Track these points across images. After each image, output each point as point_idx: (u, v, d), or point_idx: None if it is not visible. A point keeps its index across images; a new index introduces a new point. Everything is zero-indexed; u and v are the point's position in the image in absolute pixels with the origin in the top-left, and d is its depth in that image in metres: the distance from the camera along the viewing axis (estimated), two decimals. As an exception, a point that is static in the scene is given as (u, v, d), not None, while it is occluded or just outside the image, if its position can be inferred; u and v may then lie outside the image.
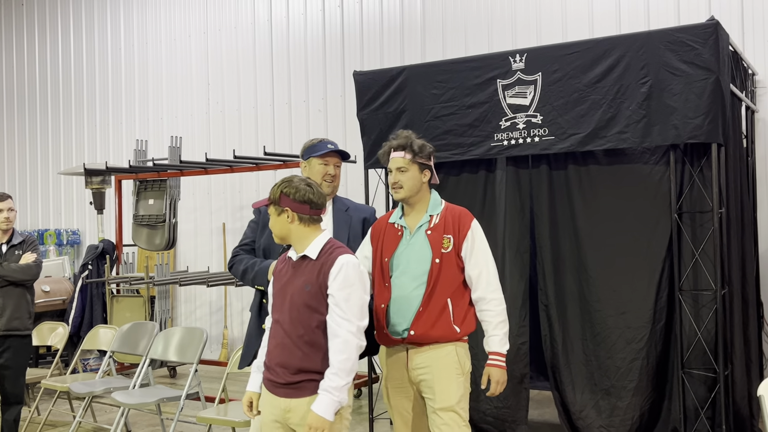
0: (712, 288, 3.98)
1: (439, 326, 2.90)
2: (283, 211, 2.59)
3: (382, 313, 2.94)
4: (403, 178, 2.94)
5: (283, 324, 2.55)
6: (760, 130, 5.34)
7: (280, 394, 2.54)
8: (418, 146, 2.95)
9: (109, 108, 8.91)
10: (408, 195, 2.95)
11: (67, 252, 8.78)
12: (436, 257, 2.91)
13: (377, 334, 3.00)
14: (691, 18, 5.51)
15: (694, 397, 4.05)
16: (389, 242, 2.98)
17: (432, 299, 2.89)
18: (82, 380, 4.94)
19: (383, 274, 2.96)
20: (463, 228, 2.96)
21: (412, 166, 2.94)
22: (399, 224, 3.00)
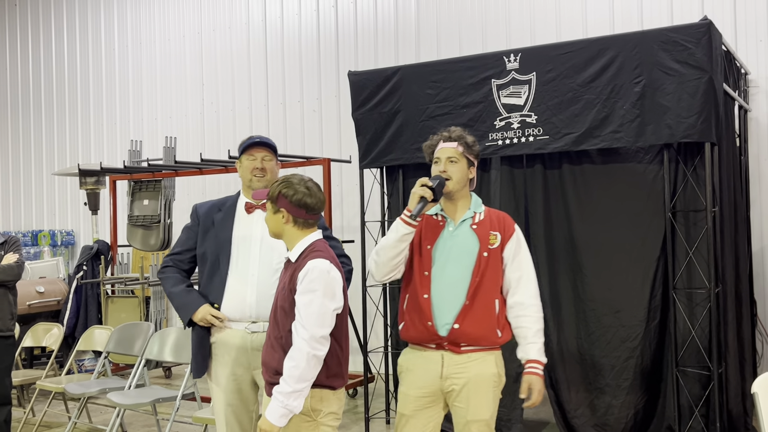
0: (705, 286, 4.00)
1: (484, 325, 2.73)
2: (279, 210, 2.58)
3: (426, 304, 2.73)
4: (453, 168, 2.78)
5: (271, 325, 2.58)
6: (753, 129, 5.37)
7: (268, 393, 2.57)
8: (471, 141, 2.84)
9: (103, 108, 8.90)
10: (455, 187, 2.78)
11: (61, 253, 8.76)
12: (483, 251, 2.75)
13: (411, 328, 2.78)
14: (684, 18, 5.54)
15: (689, 395, 4.07)
16: (429, 230, 2.80)
17: (478, 294, 2.72)
18: (77, 381, 4.93)
19: (422, 262, 2.77)
20: (508, 229, 2.84)
21: (462, 159, 2.80)
22: (440, 215, 2.84)
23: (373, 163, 4.85)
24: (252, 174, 3.06)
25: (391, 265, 2.73)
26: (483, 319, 2.73)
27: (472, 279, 2.72)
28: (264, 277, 2.96)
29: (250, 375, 3.00)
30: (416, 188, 2.68)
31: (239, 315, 2.98)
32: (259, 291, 2.95)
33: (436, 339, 2.74)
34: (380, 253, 2.73)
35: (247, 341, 2.96)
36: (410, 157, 4.68)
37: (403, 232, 2.69)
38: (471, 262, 2.74)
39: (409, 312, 2.80)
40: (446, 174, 2.76)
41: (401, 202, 4.83)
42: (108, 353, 5.05)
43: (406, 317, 2.81)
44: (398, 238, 2.69)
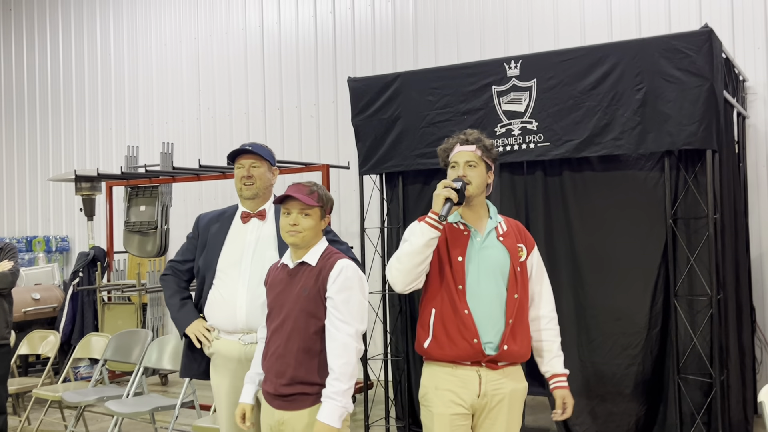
0: (707, 293, 3.99)
1: (526, 343, 2.64)
2: (326, 216, 2.61)
3: (470, 320, 2.55)
4: (472, 173, 2.62)
5: (281, 332, 2.51)
6: (751, 136, 5.39)
7: (275, 406, 2.50)
8: (489, 144, 2.69)
9: (98, 114, 8.86)
10: (475, 192, 2.63)
11: (56, 259, 8.71)
12: (516, 265, 2.62)
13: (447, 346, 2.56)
14: (682, 24, 5.56)
15: (690, 402, 4.06)
16: (455, 240, 2.63)
17: (518, 312, 2.59)
18: (74, 389, 4.89)
19: (455, 275, 2.58)
20: (529, 240, 2.75)
21: (481, 163, 2.65)
22: (462, 224, 2.67)
23: (373, 169, 4.84)
24: (241, 183, 3.03)
25: (416, 272, 2.55)
26: (525, 337, 2.63)
27: (509, 295, 2.59)
28: (254, 288, 2.91)
29: None
30: (440, 190, 2.53)
31: (231, 327, 2.95)
32: (249, 302, 2.91)
33: (478, 357, 2.56)
34: (403, 259, 2.54)
35: (242, 353, 2.93)
36: (410, 164, 4.67)
37: (430, 236, 2.51)
38: (505, 277, 2.60)
39: (444, 328, 2.58)
40: (465, 179, 2.61)
41: (401, 208, 4.81)
42: (106, 361, 5.01)
43: (437, 333, 2.59)
44: (425, 242, 2.50)
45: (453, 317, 2.57)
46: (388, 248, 4.89)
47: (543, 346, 2.72)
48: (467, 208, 2.67)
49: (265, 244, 3.01)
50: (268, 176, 3.08)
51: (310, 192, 2.56)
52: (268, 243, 3.01)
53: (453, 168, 2.67)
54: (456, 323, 2.56)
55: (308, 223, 2.53)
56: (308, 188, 2.57)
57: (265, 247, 3.00)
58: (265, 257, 2.94)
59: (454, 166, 2.67)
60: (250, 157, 3.04)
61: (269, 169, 3.10)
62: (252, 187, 3.02)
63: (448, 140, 2.74)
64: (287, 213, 2.55)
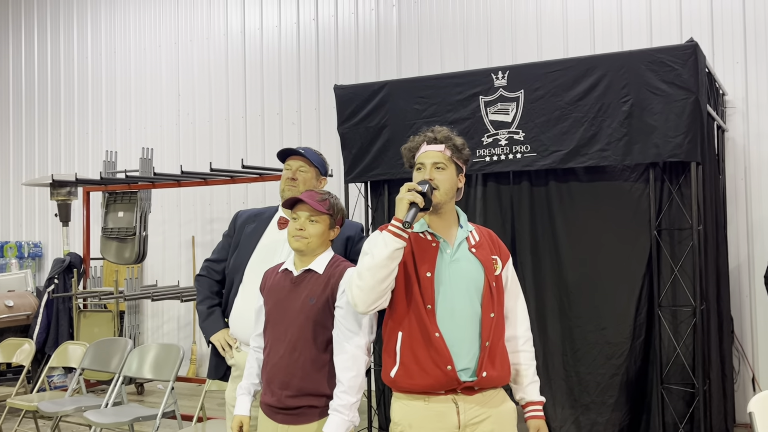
0: (690, 304, 4.04)
1: (504, 366, 2.36)
2: (336, 226, 2.54)
3: (441, 345, 2.25)
4: (440, 176, 2.31)
5: (284, 342, 2.44)
6: (730, 149, 5.47)
7: (278, 420, 2.42)
8: (460, 143, 2.39)
9: (74, 118, 8.72)
10: (443, 198, 2.32)
11: (28, 265, 8.52)
12: (491, 280, 2.33)
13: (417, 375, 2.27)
14: (663, 37, 5.64)
15: (673, 411, 4.10)
16: (422, 253, 2.33)
17: (495, 332, 2.32)
18: (49, 399, 4.77)
19: (423, 293, 2.29)
20: (504, 251, 2.46)
21: (451, 165, 2.34)
22: (430, 234, 2.37)
23: (358, 177, 4.82)
24: (285, 184, 2.92)
25: (379, 290, 2.22)
26: (503, 359, 2.37)
27: (484, 314, 2.30)
28: None
29: None
30: (403, 193, 2.22)
31: (248, 337, 2.81)
32: None
33: (453, 385, 2.27)
34: (364, 275, 2.20)
35: None
36: (396, 172, 4.66)
37: (394, 247, 2.19)
38: (479, 293, 2.31)
39: (412, 354, 2.28)
40: (433, 183, 2.30)
41: (386, 217, 4.80)
42: (83, 370, 4.91)
43: (405, 360, 2.29)
44: (388, 254, 2.18)
45: (422, 342, 2.27)
46: (373, 257, 4.87)
47: (519, 370, 2.45)
48: (435, 216, 2.37)
49: None
50: (314, 183, 2.95)
51: (322, 199, 2.50)
52: None
53: (419, 170, 2.36)
54: (426, 348, 2.26)
55: (315, 229, 2.47)
56: (320, 195, 2.51)
57: None
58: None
59: (419, 168, 2.36)
60: (299, 159, 2.93)
61: (317, 177, 2.97)
62: (294, 189, 2.87)
63: (413, 138, 2.44)
64: (295, 218, 2.49)
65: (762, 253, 5.23)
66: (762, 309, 5.25)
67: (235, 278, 2.94)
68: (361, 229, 3.04)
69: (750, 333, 5.34)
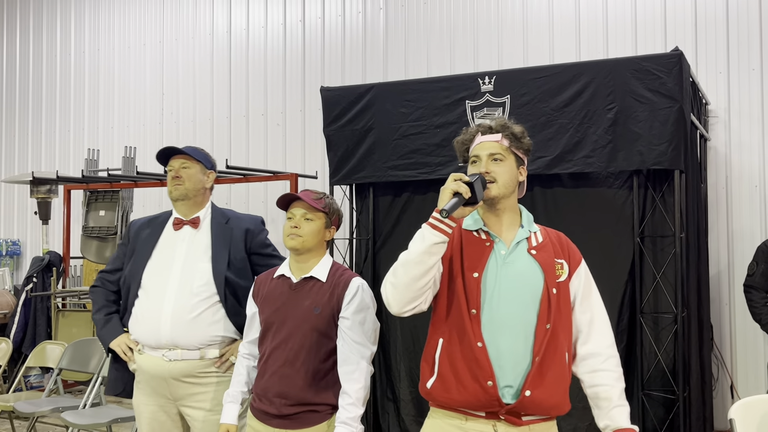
0: (671, 311, 4.07)
1: (559, 390, 2.02)
2: (332, 227, 2.51)
3: (483, 356, 1.97)
4: (498, 169, 2.05)
5: (284, 351, 2.38)
6: (712, 158, 5.53)
7: (274, 425, 2.39)
8: (520, 131, 2.13)
9: (56, 115, 8.62)
10: (501, 193, 2.05)
11: (6, 263, 8.41)
12: (551, 286, 2.03)
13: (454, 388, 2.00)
14: (648, 45, 5.69)
15: (653, 418, 4.12)
16: (472, 252, 2.06)
17: (551, 347, 2.00)
18: (26, 399, 4.70)
19: (468, 295, 2.02)
20: (574, 255, 2.15)
21: (510, 156, 2.09)
22: (485, 232, 2.09)
23: (343, 180, 4.81)
24: (171, 185, 2.87)
25: (414, 289, 1.93)
26: (557, 381, 2.01)
27: (538, 325, 1.99)
28: (182, 303, 2.74)
29: (175, 407, 2.81)
30: (449, 183, 1.94)
31: (155, 342, 2.77)
32: (174, 317, 2.73)
33: (493, 406, 1.98)
34: (398, 272, 1.95)
35: (166, 370, 2.75)
36: (382, 175, 4.66)
37: (432, 241, 1.91)
38: (535, 300, 2.01)
39: (450, 364, 2.01)
40: (489, 176, 2.04)
41: (370, 220, 4.79)
42: (61, 370, 4.84)
43: (443, 371, 2.03)
44: (425, 249, 1.91)
45: (462, 351, 1.99)
46: (356, 260, 4.86)
47: (600, 392, 2.07)
48: (492, 214, 2.10)
49: (196, 255, 2.82)
50: (200, 177, 2.90)
51: (318, 198, 2.47)
52: (200, 254, 2.82)
53: (474, 164, 2.11)
54: (466, 359, 1.98)
55: (310, 228, 2.43)
56: (316, 194, 2.49)
57: (196, 259, 2.81)
58: (196, 270, 2.78)
59: (475, 161, 2.10)
60: (180, 157, 2.89)
61: (203, 171, 2.92)
62: (180, 187, 2.84)
63: (466, 130, 2.20)
64: (290, 217, 2.46)
65: (742, 262, 5.29)
66: (741, 317, 5.30)
67: (132, 284, 2.88)
68: (261, 221, 2.99)
69: (729, 340, 5.39)
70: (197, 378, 2.77)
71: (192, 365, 2.75)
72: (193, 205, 2.90)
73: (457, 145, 2.21)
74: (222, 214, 2.94)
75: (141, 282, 2.83)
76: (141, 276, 2.84)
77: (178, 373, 2.74)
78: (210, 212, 2.93)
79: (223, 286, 2.77)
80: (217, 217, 2.92)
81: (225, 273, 2.78)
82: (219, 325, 2.77)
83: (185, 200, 2.88)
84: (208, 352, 2.77)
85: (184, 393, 2.77)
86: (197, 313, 2.74)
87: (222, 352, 2.79)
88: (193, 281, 2.76)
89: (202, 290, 2.75)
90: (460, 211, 1.94)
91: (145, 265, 2.85)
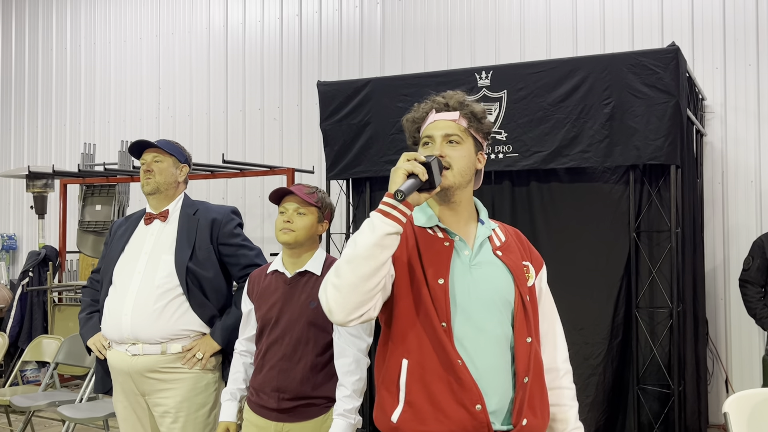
0: (667, 305, 4.08)
1: (544, 410, 1.79)
2: (324, 220, 2.50)
3: (466, 376, 1.67)
4: (454, 153, 1.75)
5: (281, 346, 2.38)
6: (708, 153, 5.54)
7: (271, 418, 2.39)
8: (480, 111, 1.84)
9: (51, 109, 8.60)
10: (457, 182, 1.75)
11: (2, 258, 8.39)
12: (524, 293, 1.77)
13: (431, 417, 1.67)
14: (644, 40, 5.69)
15: (649, 412, 4.14)
16: (434, 255, 1.75)
17: (537, 364, 1.76)
18: (22, 393, 4.70)
19: (437, 305, 1.70)
20: (535, 256, 1.91)
21: (468, 138, 1.79)
22: (441, 229, 1.79)
23: (340, 174, 4.81)
24: (143, 178, 2.85)
25: (363, 290, 1.59)
26: (543, 402, 1.78)
27: (516, 338, 1.73)
28: (144, 295, 2.71)
29: (143, 400, 2.79)
30: (401, 162, 1.65)
31: (118, 337, 2.74)
32: (135, 310, 2.70)
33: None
34: (342, 270, 1.60)
35: (129, 365, 2.72)
36: (378, 170, 4.66)
37: (385, 231, 1.58)
38: (508, 310, 1.75)
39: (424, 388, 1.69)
40: (444, 161, 1.74)
41: (367, 214, 4.78)
42: (57, 364, 4.84)
43: (413, 398, 1.69)
44: (375, 240, 1.58)
45: (440, 372, 1.67)
46: (353, 254, 4.85)
47: (557, 413, 1.87)
48: (446, 207, 1.80)
49: (162, 248, 2.79)
50: (172, 171, 2.87)
51: (310, 192, 2.47)
52: (164, 246, 2.78)
53: (426, 145, 1.80)
54: (444, 381, 1.67)
55: (303, 222, 2.42)
56: (309, 188, 2.49)
57: (161, 251, 2.78)
58: (159, 262, 2.75)
59: (427, 143, 1.80)
60: (152, 151, 2.86)
61: (175, 165, 2.89)
62: (151, 181, 2.82)
63: (418, 106, 1.90)
64: (283, 211, 2.45)
65: (737, 257, 5.30)
66: (736, 312, 5.32)
67: (104, 280, 2.87)
68: (232, 211, 2.93)
69: (724, 335, 5.41)
70: (161, 374, 2.73)
71: (154, 360, 2.72)
72: (165, 198, 2.87)
73: (407, 123, 1.89)
74: (191, 206, 2.89)
75: (111, 278, 2.82)
76: (112, 272, 2.83)
77: (141, 368, 2.71)
78: (180, 205, 2.89)
79: (185, 277, 2.72)
80: (186, 208, 2.88)
81: (187, 264, 2.73)
82: (183, 318, 2.73)
83: (157, 194, 2.85)
84: (171, 347, 2.72)
85: (150, 389, 2.75)
86: (160, 305, 2.70)
87: (188, 347, 2.75)
88: (155, 273, 2.72)
89: (164, 282, 2.71)
90: (415, 197, 1.65)
91: (116, 262, 2.84)
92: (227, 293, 2.90)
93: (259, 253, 2.93)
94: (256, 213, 7.11)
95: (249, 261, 2.84)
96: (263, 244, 6.61)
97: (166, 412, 2.73)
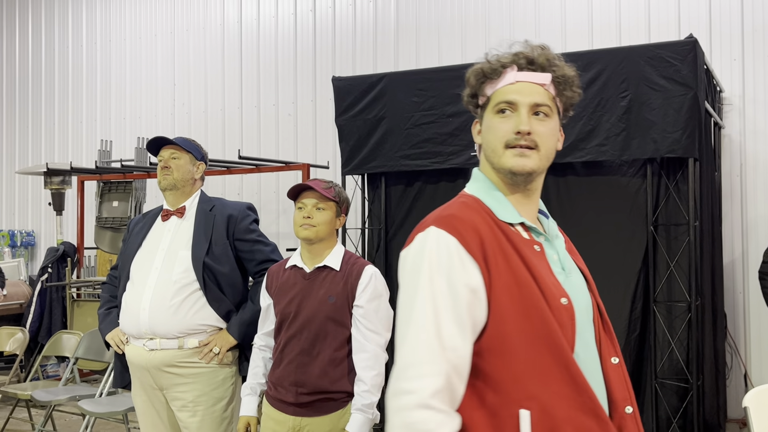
0: (685, 299, 4.05)
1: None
2: (341, 215, 2.51)
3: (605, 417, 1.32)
4: (542, 129, 1.37)
5: (300, 340, 2.40)
6: (726, 146, 5.49)
7: (289, 412, 2.40)
8: (572, 77, 1.45)
9: (68, 107, 8.67)
10: (543, 166, 1.40)
11: (21, 254, 8.48)
12: (600, 303, 1.46)
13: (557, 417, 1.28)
14: (661, 33, 5.64)
15: (667, 406, 4.12)
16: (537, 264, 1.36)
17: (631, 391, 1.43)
18: (43, 388, 4.76)
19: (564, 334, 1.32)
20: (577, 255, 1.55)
21: (555, 112, 1.42)
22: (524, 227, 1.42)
23: (356, 169, 4.81)
24: (160, 175, 2.88)
25: None
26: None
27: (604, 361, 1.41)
28: (161, 291, 2.74)
29: (161, 395, 2.82)
30: None
31: (136, 332, 2.77)
32: (153, 305, 2.73)
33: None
34: None
35: (147, 359, 2.75)
36: (394, 165, 4.66)
37: None
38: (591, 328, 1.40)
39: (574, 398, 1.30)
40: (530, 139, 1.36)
41: (382, 209, 4.79)
42: (77, 359, 4.89)
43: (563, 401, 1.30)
44: None
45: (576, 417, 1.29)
46: (369, 249, 4.87)
47: None
48: (521, 195, 1.43)
49: (180, 244, 2.81)
50: (189, 168, 2.89)
51: (327, 186, 2.47)
52: (183, 243, 2.81)
53: (501, 113, 1.39)
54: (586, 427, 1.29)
55: (323, 217, 2.43)
56: (326, 183, 2.49)
57: (178, 247, 2.80)
58: (176, 257, 2.78)
59: (504, 110, 1.38)
60: (170, 147, 2.89)
61: (192, 162, 2.92)
62: (169, 178, 2.84)
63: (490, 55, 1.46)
64: (301, 207, 2.46)
65: (756, 250, 5.26)
66: (755, 305, 5.28)
67: (122, 276, 2.90)
68: (248, 207, 2.95)
69: (743, 329, 5.36)
70: (178, 368, 2.75)
71: (171, 355, 2.74)
72: (181, 195, 2.90)
73: (473, 76, 1.44)
74: (208, 202, 2.92)
75: (129, 274, 2.86)
76: (129, 268, 2.86)
77: (159, 362, 2.73)
78: (197, 201, 2.91)
79: (201, 272, 2.74)
80: (202, 204, 2.91)
81: (203, 259, 2.75)
82: (201, 313, 2.75)
83: (174, 190, 2.87)
84: (188, 342, 2.74)
85: (168, 383, 2.77)
86: (177, 300, 2.72)
87: (205, 342, 2.77)
88: (173, 269, 2.75)
89: (181, 277, 2.74)
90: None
91: (134, 258, 2.87)
92: (243, 288, 2.92)
93: (275, 248, 2.95)
94: (272, 208, 7.13)
95: (265, 257, 2.86)
96: (279, 239, 6.64)
97: (184, 406, 2.76)
